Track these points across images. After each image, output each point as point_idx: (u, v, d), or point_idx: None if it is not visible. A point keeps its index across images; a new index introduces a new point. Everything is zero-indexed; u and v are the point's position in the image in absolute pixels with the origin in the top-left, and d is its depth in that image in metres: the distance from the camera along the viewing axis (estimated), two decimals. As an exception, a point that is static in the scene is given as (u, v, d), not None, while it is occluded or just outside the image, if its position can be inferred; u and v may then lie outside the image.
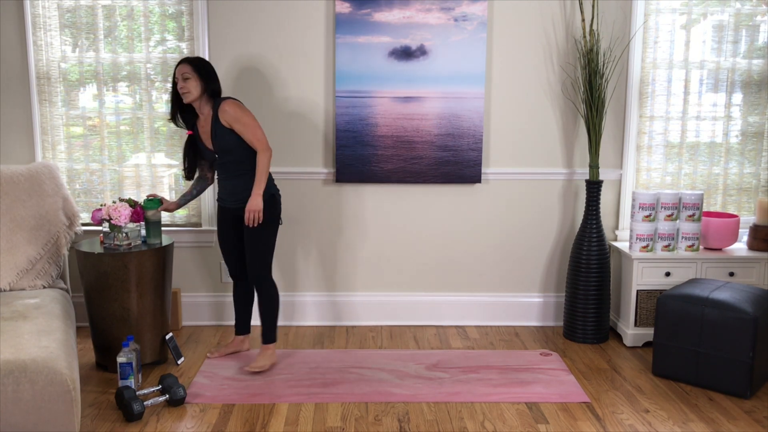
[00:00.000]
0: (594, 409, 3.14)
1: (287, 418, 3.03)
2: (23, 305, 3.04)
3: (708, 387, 3.35)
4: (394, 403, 3.17)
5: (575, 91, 4.04)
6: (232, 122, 3.31)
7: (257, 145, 3.32)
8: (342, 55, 3.92)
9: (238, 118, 3.31)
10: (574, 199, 4.15)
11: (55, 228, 3.53)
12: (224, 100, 3.35)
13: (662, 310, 3.45)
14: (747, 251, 3.91)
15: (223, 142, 3.35)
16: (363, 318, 4.22)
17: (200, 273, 4.17)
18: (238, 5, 3.92)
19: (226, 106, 3.31)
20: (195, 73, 3.32)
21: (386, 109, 3.97)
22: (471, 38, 3.92)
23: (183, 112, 3.47)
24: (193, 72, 3.32)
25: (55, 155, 4.04)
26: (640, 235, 3.84)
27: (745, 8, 4.04)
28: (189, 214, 4.14)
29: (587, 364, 3.67)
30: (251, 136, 3.32)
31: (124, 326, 3.45)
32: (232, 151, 3.37)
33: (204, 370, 3.53)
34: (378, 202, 4.12)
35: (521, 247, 4.19)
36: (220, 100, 3.37)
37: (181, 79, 3.32)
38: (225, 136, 3.34)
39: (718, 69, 4.09)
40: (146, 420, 3.01)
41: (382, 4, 3.88)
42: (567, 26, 3.99)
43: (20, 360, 2.45)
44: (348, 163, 4.01)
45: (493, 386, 3.36)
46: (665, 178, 4.17)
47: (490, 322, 4.24)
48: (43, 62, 3.94)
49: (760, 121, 4.13)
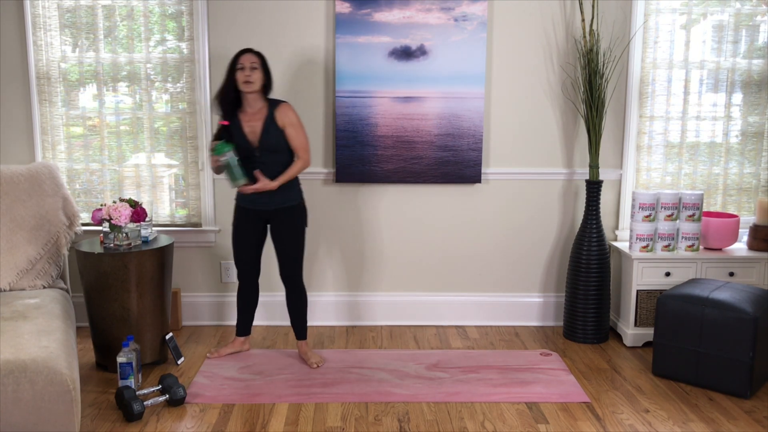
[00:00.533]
0: (594, 409, 3.14)
1: (287, 418, 3.03)
2: (23, 305, 3.04)
3: (708, 387, 3.35)
4: (394, 403, 3.17)
5: (575, 91, 4.04)
6: (288, 125, 3.37)
7: (302, 153, 3.42)
8: (342, 55, 3.92)
9: (295, 122, 3.40)
10: (574, 199, 4.15)
11: (55, 228, 3.53)
12: (283, 102, 3.44)
13: (662, 310, 3.45)
14: (747, 251, 3.91)
15: (273, 141, 3.37)
16: (363, 318, 4.22)
17: (200, 273, 4.17)
18: (238, 5, 3.92)
19: (288, 109, 3.41)
20: (262, 66, 3.37)
21: (386, 109, 3.97)
22: (471, 38, 3.92)
23: (223, 100, 3.42)
24: (261, 65, 3.37)
25: (55, 155, 4.04)
26: (640, 235, 3.84)
27: (745, 8, 4.04)
28: (189, 214, 4.14)
29: (587, 364, 3.67)
30: (300, 142, 3.41)
31: (124, 326, 3.45)
32: (279, 151, 3.40)
33: (204, 370, 3.53)
34: (378, 202, 4.12)
35: (521, 247, 4.19)
36: (276, 100, 3.45)
37: (249, 67, 3.33)
38: (277, 136, 3.38)
39: (718, 69, 4.09)
40: (146, 420, 3.01)
41: (382, 4, 3.88)
42: (567, 26, 3.99)
43: (20, 360, 2.45)
44: (348, 163, 4.01)
45: (493, 386, 3.36)
46: (665, 178, 4.17)
47: (490, 322, 4.24)
48: (43, 62, 3.94)
49: (760, 121, 4.13)
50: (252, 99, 3.40)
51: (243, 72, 3.33)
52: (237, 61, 3.36)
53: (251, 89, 3.35)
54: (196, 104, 3.99)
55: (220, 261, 4.15)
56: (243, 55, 3.36)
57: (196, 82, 3.97)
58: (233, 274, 4.15)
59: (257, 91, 3.38)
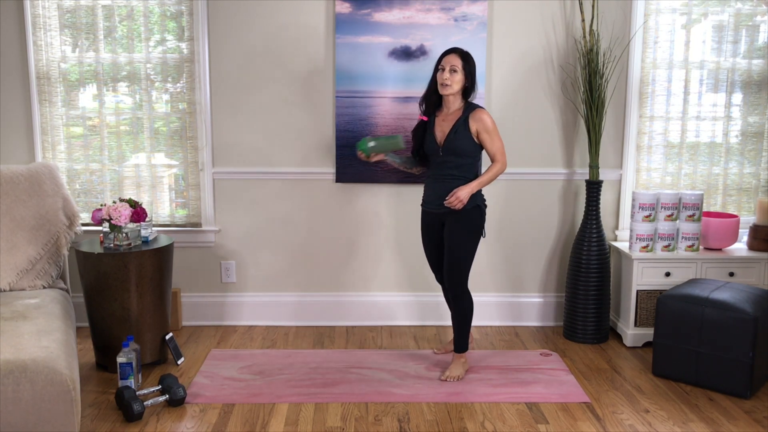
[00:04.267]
0: (594, 409, 3.14)
1: (287, 418, 3.03)
2: (23, 305, 3.04)
3: (708, 387, 3.35)
4: (394, 403, 3.17)
5: (575, 91, 4.04)
6: (482, 131, 3.28)
7: (499, 156, 3.31)
8: (342, 55, 3.92)
9: (490, 130, 3.28)
10: (574, 199, 4.15)
11: (55, 228, 3.53)
12: (480, 108, 3.33)
13: (662, 310, 3.45)
14: (747, 251, 3.91)
15: (458, 144, 3.28)
16: (363, 318, 4.22)
17: (200, 273, 4.17)
18: (238, 5, 3.92)
19: (485, 115, 3.29)
20: (463, 69, 3.27)
21: (386, 109, 3.97)
22: (471, 38, 3.92)
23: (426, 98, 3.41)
24: (463, 68, 3.27)
25: (55, 155, 4.04)
26: (640, 235, 3.84)
27: (745, 8, 4.04)
28: (189, 214, 4.14)
29: (587, 364, 3.67)
30: (497, 148, 3.31)
31: (124, 326, 3.45)
32: (462, 155, 3.30)
33: (204, 370, 3.53)
34: (378, 202, 4.12)
35: (521, 247, 4.19)
36: (473, 104, 3.35)
37: (449, 70, 3.25)
38: (464, 140, 3.28)
39: (718, 69, 4.09)
40: (146, 420, 3.01)
41: (382, 4, 3.88)
42: (567, 26, 3.99)
43: (20, 360, 2.45)
44: (348, 163, 4.01)
45: (493, 386, 3.36)
46: (665, 178, 4.17)
47: (490, 322, 4.24)
48: (43, 62, 3.94)
49: (760, 121, 4.13)
50: (450, 101, 3.33)
51: (442, 74, 3.27)
52: (440, 62, 3.30)
53: (447, 92, 3.27)
54: (196, 104, 3.99)
55: (220, 261, 4.15)
56: (446, 56, 3.28)
57: (196, 82, 3.97)
58: (233, 274, 4.15)
59: (455, 94, 3.30)
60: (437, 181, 3.39)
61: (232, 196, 4.09)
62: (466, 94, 3.37)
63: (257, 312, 4.17)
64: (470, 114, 3.30)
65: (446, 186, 3.34)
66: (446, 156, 3.33)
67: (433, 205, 3.42)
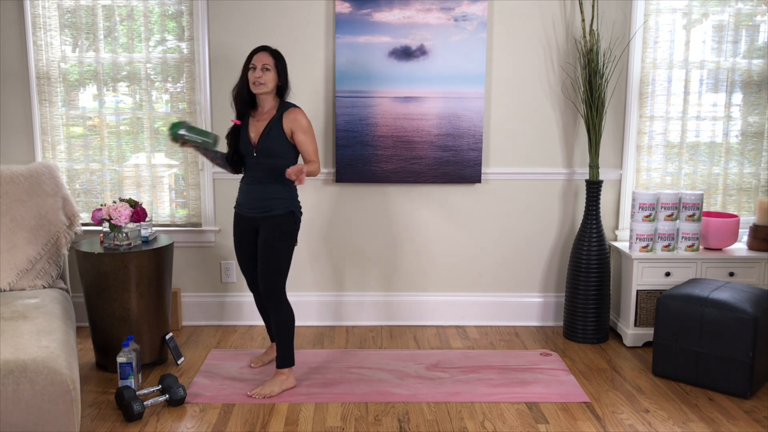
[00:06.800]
0: (594, 409, 3.14)
1: (287, 418, 3.03)
2: (23, 305, 3.04)
3: (708, 387, 3.35)
4: (394, 403, 3.17)
5: (575, 91, 4.04)
6: (297, 131, 3.16)
7: (315, 158, 3.19)
8: (342, 55, 3.92)
9: (305, 129, 3.18)
10: (574, 199, 4.15)
11: (55, 228, 3.53)
12: (295, 107, 3.21)
13: (662, 310, 3.45)
14: (747, 251, 3.91)
15: (273, 145, 3.16)
16: (363, 318, 4.22)
17: (200, 273, 4.17)
18: (238, 5, 3.92)
19: (299, 115, 3.18)
20: (275, 67, 3.16)
21: (386, 109, 3.97)
22: (471, 38, 3.92)
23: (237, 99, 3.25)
24: (275, 66, 3.16)
25: (55, 155, 4.04)
26: (640, 235, 3.84)
27: (745, 8, 4.04)
28: (189, 214, 4.14)
29: (587, 364, 3.67)
30: (311, 148, 3.19)
31: (124, 326, 3.45)
32: (277, 156, 3.17)
33: (204, 370, 3.53)
34: (378, 202, 4.12)
35: (521, 247, 4.19)
36: (287, 103, 3.23)
37: (260, 68, 3.12)
38: (278, 140, 3.16)
39: (718, 69, 4.09)
40: (146, 420, 3.01)
41: (382, 4, 3.88)
42: (567, 26, 3.99)
43: (20, 360, 2.45)
44: (348, 163, 4.01)
45: (493, 386, 3.36)
46: (665, 178, 4.17)
47: (490, 322, 4.24)
48: (43, 62, 3.94)
49: (760, 121, 4.13)
50: (263, 100, 3.20)
51: (254, 73, 3.14)
52: (250, 60, 3.17)
53: (261, 91, 3.14)
54: (196, 104, 4.00)
55: (220, 261, 4.15)
56: (256, 54, 3.16)
57: (196, 82, 3.97)
58: (233, 274, 4.15)
59: (268, 93, 3.19)
60: (252, 183, 3.25)
61: (232, 196, 4.08)
62: (280, 93, 3.24)
63: (257, 312, 4.17)
64: (284, 113, 3.18)
65: (261, 189, 3.21)
66: (260, 157, 3.18)
67: (246, 209, 3.26)
